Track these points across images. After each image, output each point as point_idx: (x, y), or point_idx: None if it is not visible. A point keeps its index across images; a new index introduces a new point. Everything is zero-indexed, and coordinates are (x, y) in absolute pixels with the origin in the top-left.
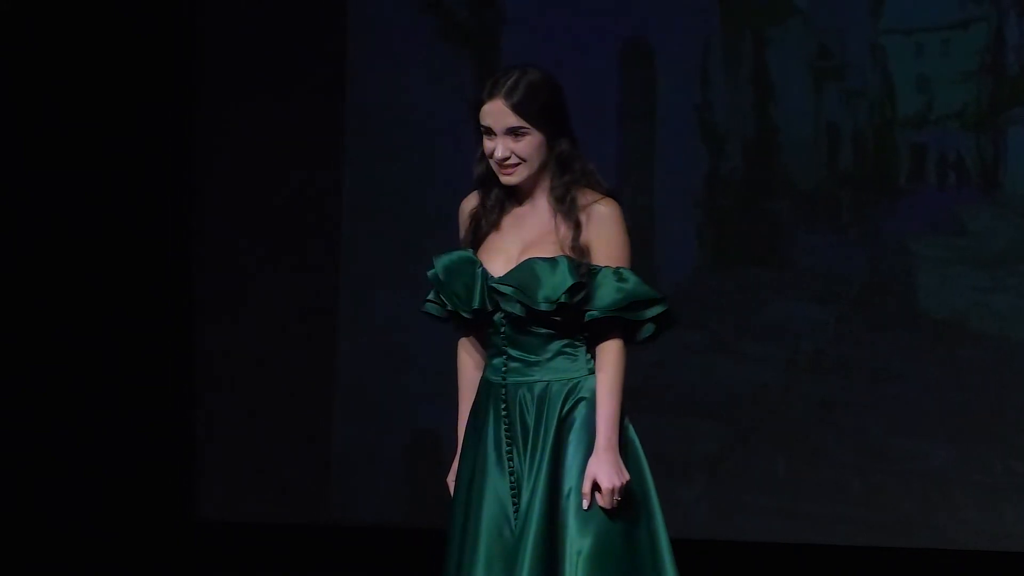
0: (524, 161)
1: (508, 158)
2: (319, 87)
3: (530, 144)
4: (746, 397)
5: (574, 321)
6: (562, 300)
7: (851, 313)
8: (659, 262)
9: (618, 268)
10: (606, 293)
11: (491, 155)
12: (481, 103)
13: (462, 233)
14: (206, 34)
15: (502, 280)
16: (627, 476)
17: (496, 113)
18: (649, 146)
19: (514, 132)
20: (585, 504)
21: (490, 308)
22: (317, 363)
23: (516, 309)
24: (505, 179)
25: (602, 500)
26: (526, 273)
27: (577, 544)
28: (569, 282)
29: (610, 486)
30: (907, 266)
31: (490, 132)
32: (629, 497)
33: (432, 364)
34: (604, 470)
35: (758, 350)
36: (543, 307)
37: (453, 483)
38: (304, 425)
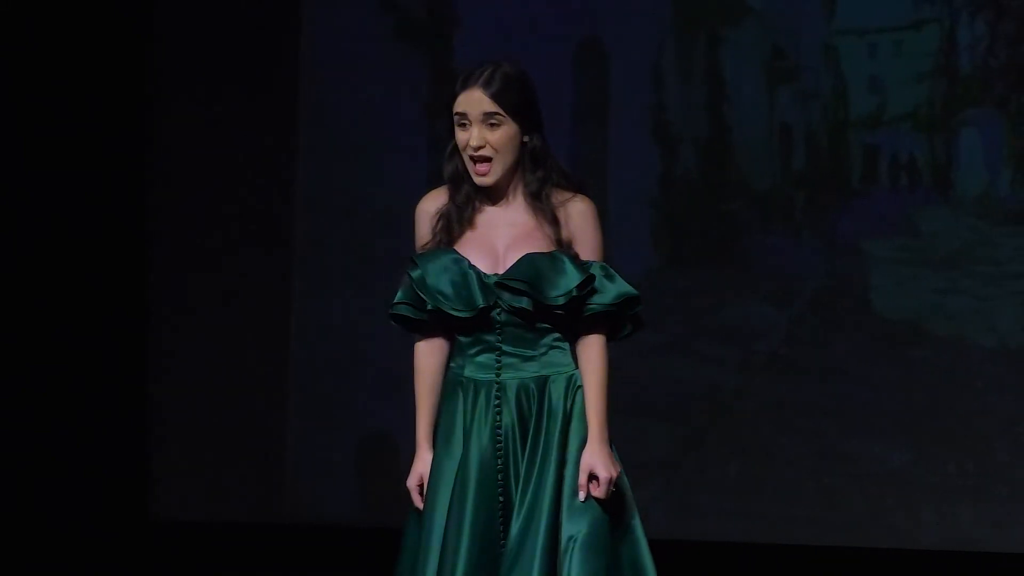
0: (497, 153)
1: (483, 147)
2: (273, 86)
3: (504, 134)
4: (700, 398)
5: (568, 316)
6: (573, 294)
7: (805, 314)
8: (614, 263)
9: (603, 264)
10: (606, 289)
11: (464, 146)
12: (455, 95)
13: (425, 232)
14: (160, 32)
15: (508, 276)
16: (619, 467)
17: (472, 101)
18: (602, 147)
19: (489, 120)
20: (581, 496)
21: (490, 305)
22: (270, 363)
23: (524, 303)
24: (480, 179)
25: (598, 491)
26: (531, 269)
27: (570, 530)
28: (579, 277)
29: (607, 476)
30: (861, 267)
31: (464, 121)
32: (616, 489)
33: (384, 364)
34: (601, 461)
35: (712, 351)
36: (559, 301)
37: (416, 485)
38: (257, 425)
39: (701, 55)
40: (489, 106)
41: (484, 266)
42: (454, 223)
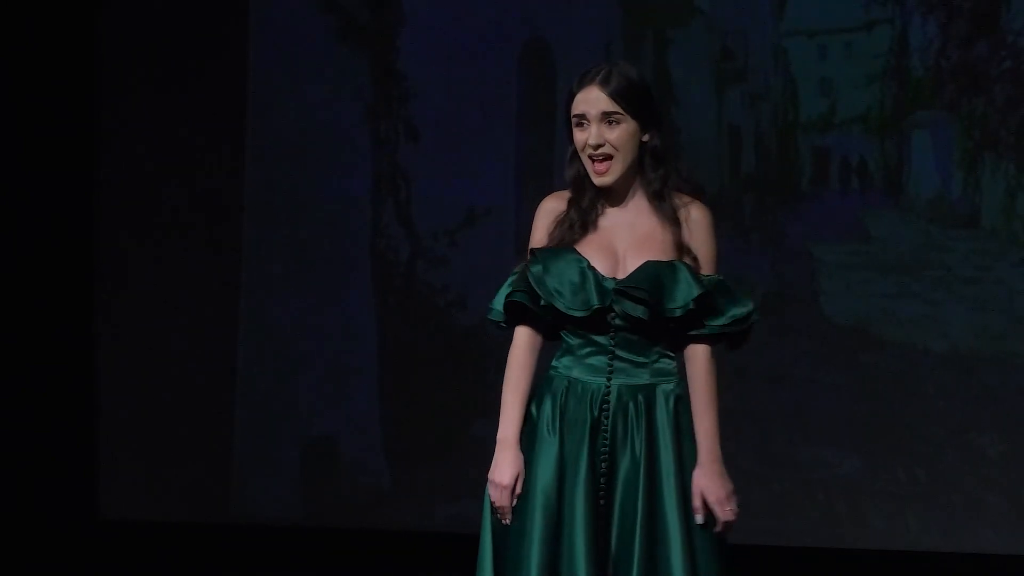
0: (617, 151)
1: (602, 145)
2: (220, 88)
3: (624, 132)
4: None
5: (681, 327)
6: (691, 308)
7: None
8: None
9: (721, 279)
10: (721, 308)
11: (583, 147)
12: (572, 96)
13: (542, 229)
14: (106, 30)
15: (629, 283)
16: (732, 486)
17: (590, 99)
18: (548, 149)
19: (608, 117)
20: (699, 519)
21: (606, 307)
22: (217, 364)
23: (639, 312)
24: (599, 179)
25: (720, 512)
26: (651, 277)
27: (692, 537)
28: (696, 291)
29: (716, 497)
30: (810, 271)
31: (582, 121)
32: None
33: (327, 366)
34: (712, 483)
35: None
36: (676, 314)
37: (511, 483)
38: (204, 426)
39: (649, 56)
40: (607, 104)
41: (603, 268)
42: (576, 225)
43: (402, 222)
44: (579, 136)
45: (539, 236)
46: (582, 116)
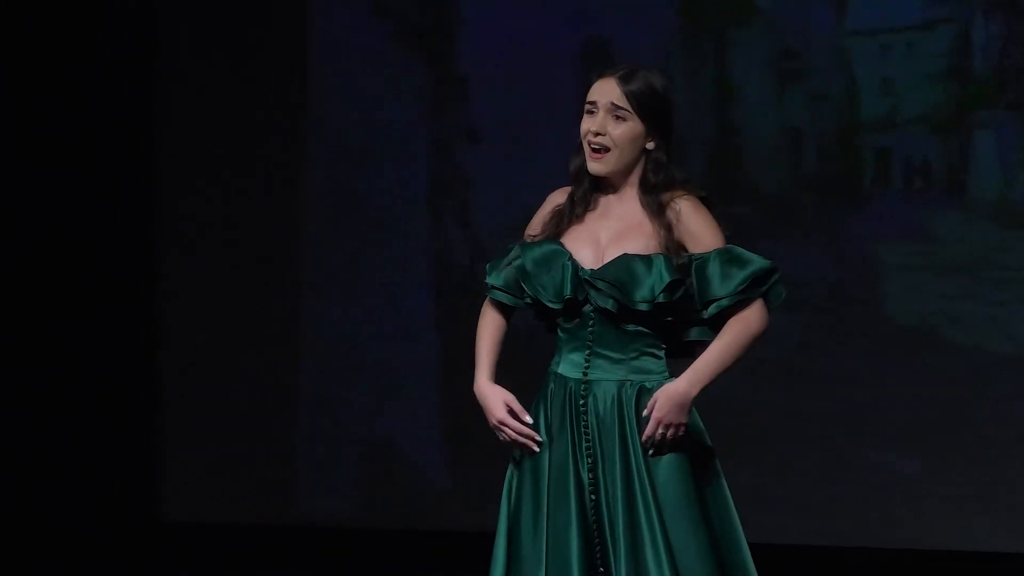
0: (615, 147)
1: (602, 135)
2: (279, 92)
3: (628, 131)
4: (709, 406)
5: (664, 320)
6: (660, 299)
7: (816, 321)
8: None
9: (726, 247)
10: (723, 279)
11: (586, 133)
12: (590, 84)
13: (538, 221)
14: (165, 36)
15: (597, 274)
16: (685, 420)
17: (605, 89)
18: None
19: (616, 111)
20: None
21: (580, 299)
22: (279, 367)
23: (609, 305)
24: (592, 165)
25: (651, 426)
26: (622, 269)
27: (679, 542)
28: (667, 279)
29: (660, 417)
30: (873, 273)
31: (592, 109)
32: (714, 497)
33: (387, 369)
34: (668, 402)
35: None
36: (641, 307)
37: (500, 414)
38: (266, 428)
39: (709, 56)
40: (619, 99)
41: (585, 259)
42: (565, 216)
43: (461, 224)
44: (585, 122)
45: (534, 225)
46: (593, 104)
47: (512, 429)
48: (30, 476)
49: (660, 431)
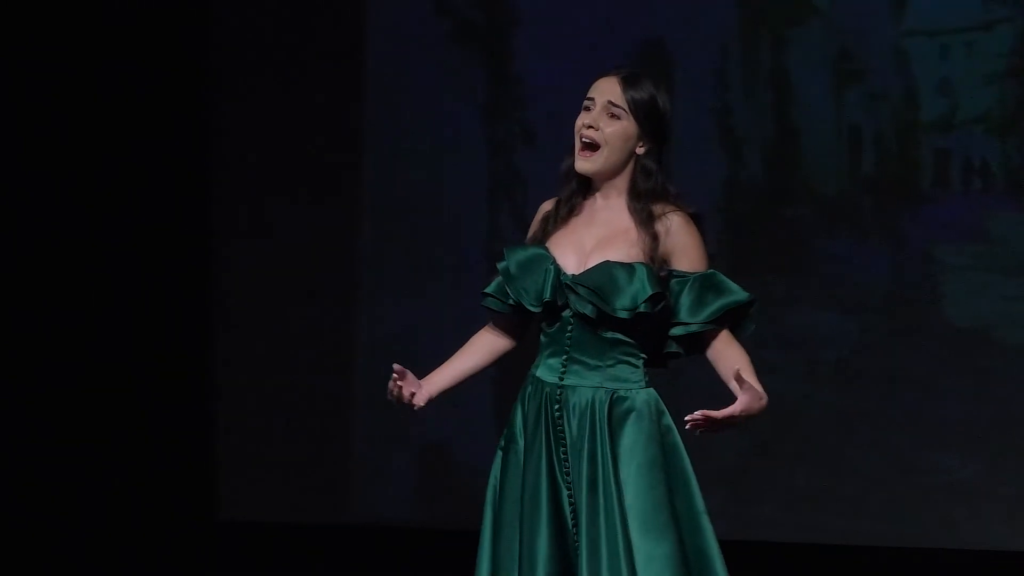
0: (606, 145)
1: (594, 130)
2: (337, 93)
3: (621, 130)
4: (766, 407)
5: (642, 330)
6: (642, 309)
7: (874, 322)
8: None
9: (708, 273)
10: (699, 304)
11: (579, 130)
12: (596, 79)
13: (532, 231)
14: (220, 37)
15: (578, 280)
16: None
17: (604, 88)
18: (666, 151)
19: (612, 109)
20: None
21: (559, 303)
22: (336, 367)
23: (588, 310)
24: (580, 163)
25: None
26: (603, 276)
27: (646, 550)
28: (649, 291)
29: (753, 410)
30: (931, 274)
31: (589, 105)
32: (685, 505)
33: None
34: (751, 407)
35: (778, 360)
36: (621, 315)
37: (408, 392)
38: (323, 428)
39: (766, 57)
40: (617, 97)
41: (569, 264)
42: (551, 220)
43: (519, 226)
44: (580, 118)
45: (529, 234)
46: (591, 100)
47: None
48: (90, 476)
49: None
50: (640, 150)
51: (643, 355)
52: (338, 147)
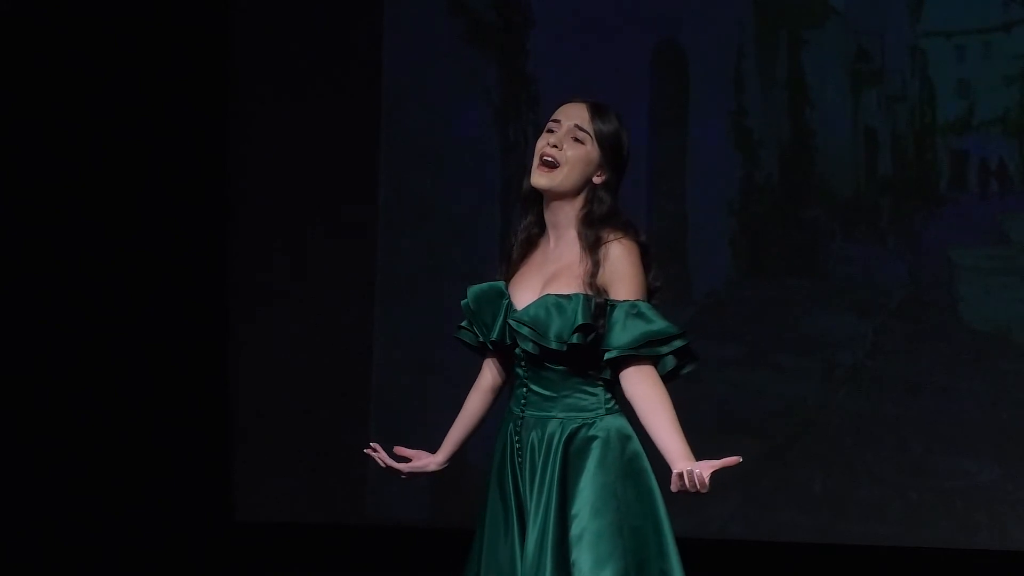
0: (567, 165)
1: (558, 149)
2: (353, 91)
3: (583, 154)
4: (782, 411)
5: (589, 360)
6: (573, 340)
7: (890, 325)
8: (692, 272)
9: (634, 302)
10: (622, 330)
11: (542, 147)
12: (561, 105)
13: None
14: (237, 40)
15: (517, 317)
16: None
17: (572, 112)
18: (681, 152)
19: (577, 133)
20: (684, 482)
21: (509, 342)
22: (352, 368)
23: (529, 347)
24: (537, 178)
25: (698, 478)
26: (541, 311)
27: (595, 571)
28: (578, 321)
29: (700, 470)
30: (948, 276)
31: (554, 128)
32: (644, 525)
33: (458, 373)
34: (690, 462)
35: (794, 363)
36: (554, 346)
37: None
38: (339, 430)
39: (783, 57)
40: (584, 122)
41: (523, 302)
42: (515, 255)
43: None
44: (543, 138)
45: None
46: (557, 122)
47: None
48: (107, 478)
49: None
50: (598, 179)
51: (600, 382)
52: (354, 146)
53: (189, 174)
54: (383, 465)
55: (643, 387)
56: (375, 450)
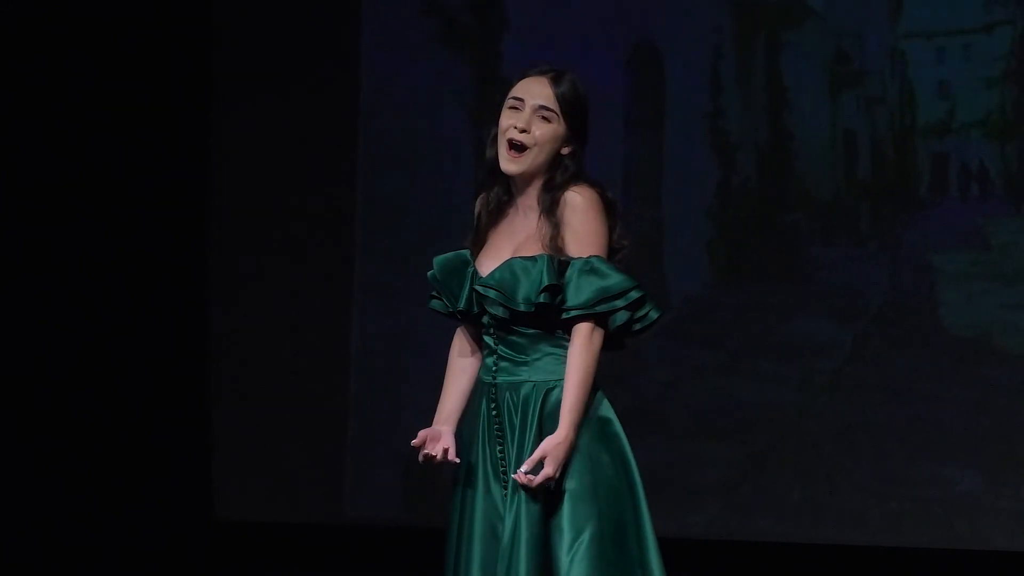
0: (536, 146)
1: (527, 132)
2: (330, 92)
3: (552, 132)
4: (760, 419)
5: (557, 321)
6: (540, 300)
7: (870, 331)
8: (668, 277)
9: (587, 258)
10: (576, 290)
11: (507, 128)
12: (517, 81)
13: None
14: (218, 42)
15: (483, 282)
16: (554, 474)
17: (534, 90)
18: (657, 155)
19: (543, 112)
20: (521, 480)
21: (476, 310)
22: (330, 369)
23: (499, 311)
24: (507, 164)
25: (533, 481)
26: (507, 274)
27: (573, 532)
28: (545, 282)
29: (549, 473)
30: (929, 281)
31: (517, 106)
32: (619, 485)
33: (434, 371)
34: (554, 458)
35: (772, 369)
36: (522, 307)
37: (415, 442)
38: (316, 430)
39: (761, 59)
40: (549, 100)
41: (486, 270)
42: (482, 224)
43: None
44: (508, 118)
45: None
46: (520, 100)
47: (422, 456)
48: (85, 477)
49: (542, 484)
50: (565, 151)
51: (568, 345)
52: (331, 147)
53: (168, 175)
54: (438, 455)
55: (572, 349)
56: (427, 454)
